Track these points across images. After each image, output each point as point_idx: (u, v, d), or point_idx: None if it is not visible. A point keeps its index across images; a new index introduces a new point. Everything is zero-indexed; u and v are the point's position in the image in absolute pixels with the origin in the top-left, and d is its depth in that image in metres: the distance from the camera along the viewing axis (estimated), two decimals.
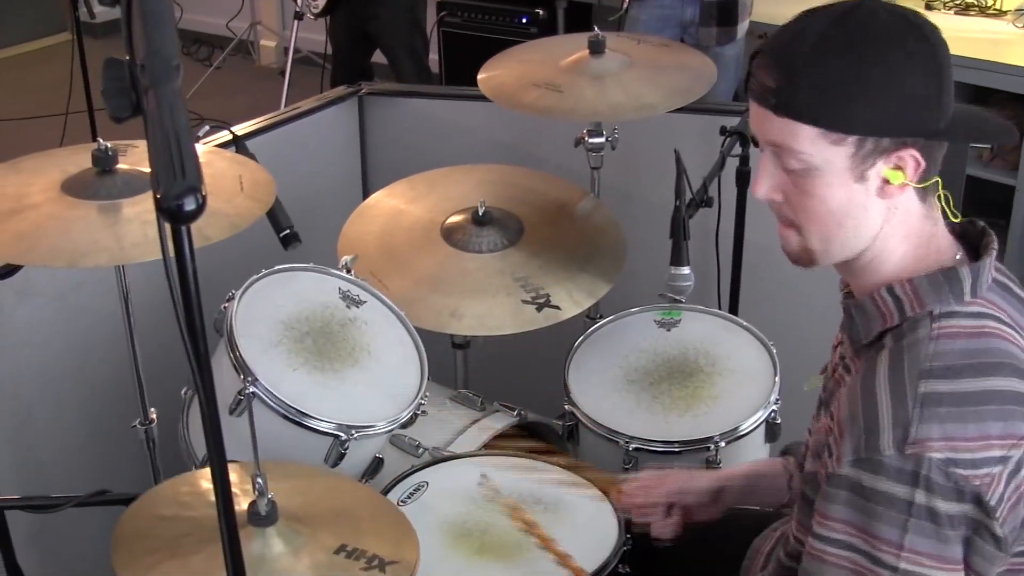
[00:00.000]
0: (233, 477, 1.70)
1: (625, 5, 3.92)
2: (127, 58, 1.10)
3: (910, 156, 1.35)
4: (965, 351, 1.34)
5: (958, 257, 1.42)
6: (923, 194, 1.40)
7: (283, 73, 5.69)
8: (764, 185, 1.42)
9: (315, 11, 4.87)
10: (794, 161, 1.37)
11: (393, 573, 1.60)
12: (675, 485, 1.84)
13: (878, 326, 1.42)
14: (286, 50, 5.89)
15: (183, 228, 1.06)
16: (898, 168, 1.36)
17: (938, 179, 1.40)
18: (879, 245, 1.42)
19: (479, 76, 2.63)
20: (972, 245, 1.46)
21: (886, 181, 1.37)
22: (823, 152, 1.35)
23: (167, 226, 1.05)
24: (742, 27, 3.88)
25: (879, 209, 1.39)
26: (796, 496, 1.52)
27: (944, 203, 1.44)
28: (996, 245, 1.43)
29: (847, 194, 1.38)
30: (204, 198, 0.98)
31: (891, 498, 1.28)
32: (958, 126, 1.37)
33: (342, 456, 1.99)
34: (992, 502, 1.29)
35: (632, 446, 2.13)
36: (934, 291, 1.38)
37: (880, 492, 1.29)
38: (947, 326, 1.36)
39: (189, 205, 0.98)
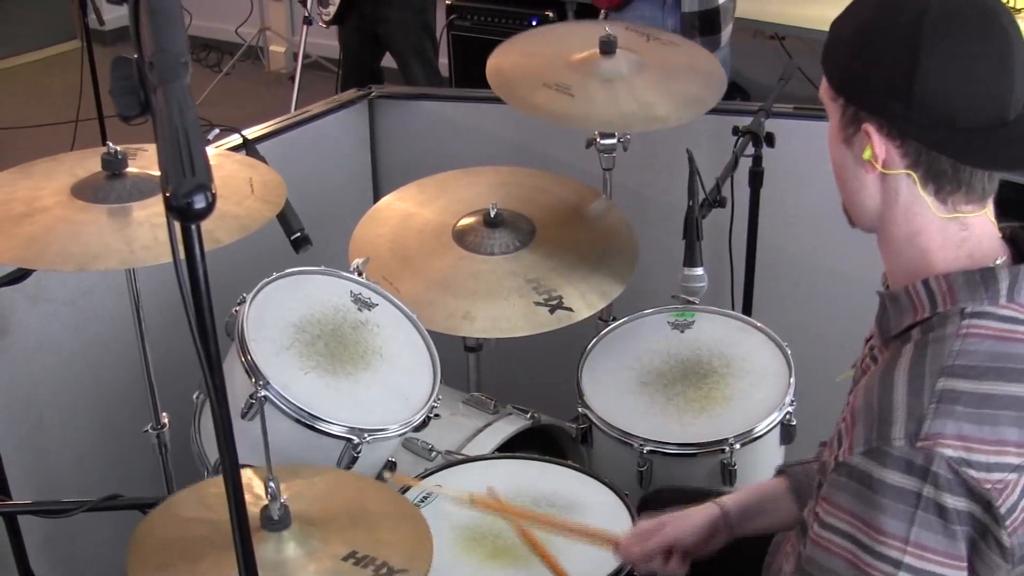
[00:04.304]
0: (256, 480, 1.71)
1: (602, 16, 3.84)
2: (135, 56, 1.10)
3: (869, 132, 1.35)
4: (991, 353, 1.31)
5: (999, 261, 1.37)
6: (936, 191, 1.35)
7: (292, 78, 5.68)
8: None
9: (326, 19, 4.87)
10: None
11: None
12: (670, 532, 1.78)
13: (909, 318, 1.39)
14: (295, 55, 5.89)
15: (193, 228, 1.04)
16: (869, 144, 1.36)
17: (971, 183, 1.34)
18: (890, 231, 1.40)
19: (488, 62, 2.60)
20: (1021, 250, 1.41)
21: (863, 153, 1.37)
22: (828, 104, 1.41)
23: (177, 226, 1.04)
24: (725, 33, 3.80)
25: (875, 186, 1.39)
26: (813, 491, 1.49)
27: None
28: None
29: (841, 155, 1.41)
30: (214, 196, 0.97)
31: (899, 491, 1.25)
32: (958, 137, 1.31)
33: (355, 459, 1.97)
34: (1003, 510, 1.26)
35: (646, 448, 2.12)
36: (969, 289, 1.35)
37: (888, 484, 1.26)
38: (976, 325, 1.33)
39: (199, 203, 0.96)
